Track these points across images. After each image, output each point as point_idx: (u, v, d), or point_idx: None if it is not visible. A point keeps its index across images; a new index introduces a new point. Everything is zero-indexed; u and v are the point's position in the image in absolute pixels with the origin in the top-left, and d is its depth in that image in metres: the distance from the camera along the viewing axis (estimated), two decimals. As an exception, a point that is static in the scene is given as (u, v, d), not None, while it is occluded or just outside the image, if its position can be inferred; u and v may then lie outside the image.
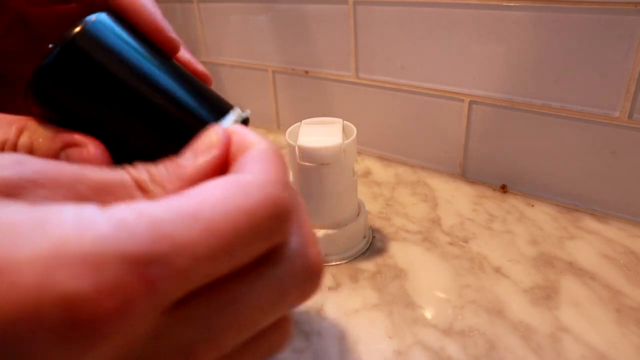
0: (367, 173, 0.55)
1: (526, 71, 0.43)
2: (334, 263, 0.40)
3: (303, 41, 0.58)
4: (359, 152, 0.60)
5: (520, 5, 0.41)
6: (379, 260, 0.41)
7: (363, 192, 0.51)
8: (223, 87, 0.72)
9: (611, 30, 0.38)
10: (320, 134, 0.39)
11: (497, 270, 0.39)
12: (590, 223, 0.44)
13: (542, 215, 0.45)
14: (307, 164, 0.37)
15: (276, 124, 0.68)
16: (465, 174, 0.52)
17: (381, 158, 0.58)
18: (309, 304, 0.36)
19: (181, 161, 0.16)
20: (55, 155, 0.18)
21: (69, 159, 0.18)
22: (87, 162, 0.18)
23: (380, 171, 0.56)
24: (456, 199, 0.49)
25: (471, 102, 0.48)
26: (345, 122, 0.41)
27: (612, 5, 0.37)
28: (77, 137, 0.18)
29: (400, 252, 0.41)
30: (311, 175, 0.38)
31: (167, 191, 0.15)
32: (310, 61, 0.59)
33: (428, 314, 0.35)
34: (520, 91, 0.45)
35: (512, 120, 0.46)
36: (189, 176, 0.16)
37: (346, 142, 0.37)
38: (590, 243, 0.41)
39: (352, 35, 0.54)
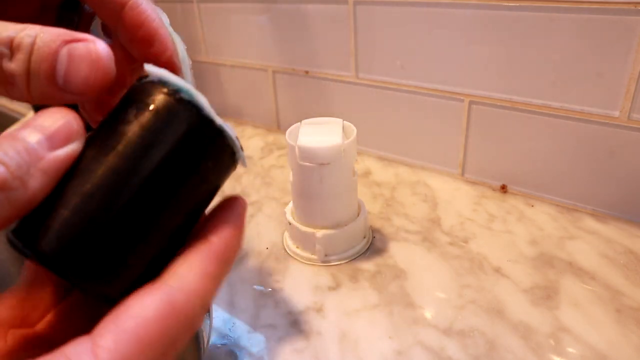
0: (367, 173, 0.55)
1: (526, 71, 0.43)
2: (334, 263, 0.40)
3: (303, 41, 0.58)
4: (359, 152, 0.60)
5: (520, 5, 0.41)
6: (379, 260, 0.41)
7: (363, 192, 0.51)
8: (223, 87, 0.72)
9: (611, 30, 0.38)
10: (320, 134, 0.39)
11: (497, 270, 0.39)
12: (590, 223, 0.44)
13: (542, 215, 0.45)
14: (307, 164, 0.37)
15: (276, 124, 0.68)
16: (465, 174, 0.52)
17: (381, 158, 0.58)
18: (309, 304, 0.36)
19: (36, 150, 0.16)
20: (58, 50, 0.17)
21: (71, 55, 0.17)
22: (95, 58, 0.17)
23: (380, 171, 0.56)
24: (456, 199, 0.49)
25: (471, 102, 0.48)
26: (345, 122, 0.41)
27: (612, 5, 0.37)
28: (82, 35, 0.18)
29: (400, 252, 0.41)
30: (311, 175, 0.38)
31: (29, 188, 0.15)
32: (310, 61, 0.59)
33: (428, 314, 0.35)
34: (520, 91, 0.45)
35: (512, 120, 0.46)
36: (50, 169, 0.16)
37: (346, 142, 0.37)
38: (590, 243, 0.41)
39: (352, 35, 0.54)
